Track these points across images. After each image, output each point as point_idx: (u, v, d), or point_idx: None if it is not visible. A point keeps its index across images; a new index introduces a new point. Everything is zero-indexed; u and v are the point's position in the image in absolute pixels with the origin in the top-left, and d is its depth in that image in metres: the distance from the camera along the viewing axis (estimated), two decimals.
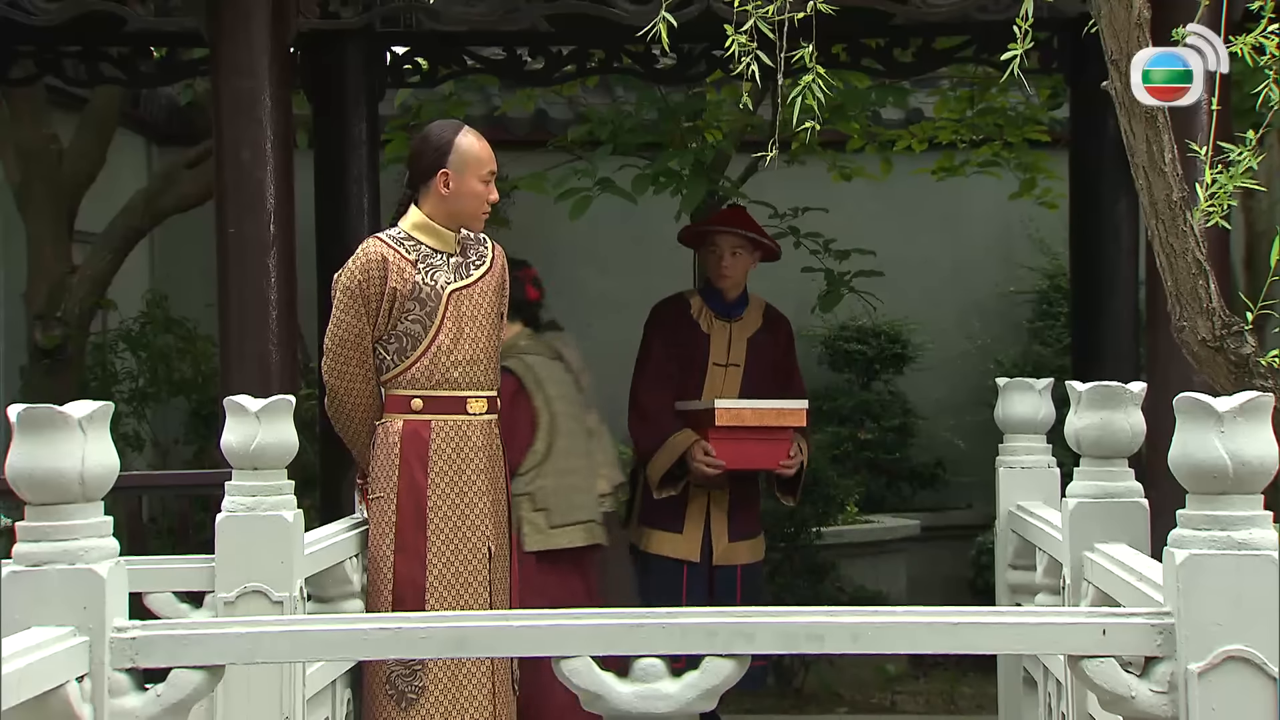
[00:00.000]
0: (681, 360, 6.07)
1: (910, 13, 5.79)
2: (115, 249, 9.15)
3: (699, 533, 6.05)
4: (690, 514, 6.08)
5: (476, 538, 4.71)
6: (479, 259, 4.86)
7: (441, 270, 4.76)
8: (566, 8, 5.85)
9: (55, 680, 2.71)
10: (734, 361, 6.12)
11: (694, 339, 6.09)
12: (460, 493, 4.70)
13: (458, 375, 4.73)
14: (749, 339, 6.16)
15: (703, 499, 6.08)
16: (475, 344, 4.76)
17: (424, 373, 4.70)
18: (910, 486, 10.71)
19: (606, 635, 2.98)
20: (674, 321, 6.11)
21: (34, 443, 2.80)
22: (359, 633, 3.00)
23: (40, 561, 2.82)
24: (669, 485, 6.02)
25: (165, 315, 9.76)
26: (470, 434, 4.73)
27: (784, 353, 6.27)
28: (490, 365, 4.82)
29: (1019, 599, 5.05)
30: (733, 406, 5.87)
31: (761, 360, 6.14)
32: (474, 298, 4.79)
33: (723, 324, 6.17)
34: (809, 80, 3.59)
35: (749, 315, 6.21)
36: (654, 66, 7.64)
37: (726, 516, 6.11)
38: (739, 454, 5.90)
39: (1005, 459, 5.22)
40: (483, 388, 4.78)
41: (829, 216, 9.09)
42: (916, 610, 3.01)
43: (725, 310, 6.19)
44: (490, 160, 4.85)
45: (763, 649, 3.02)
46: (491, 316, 4.83)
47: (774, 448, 5.94)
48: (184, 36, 6.66)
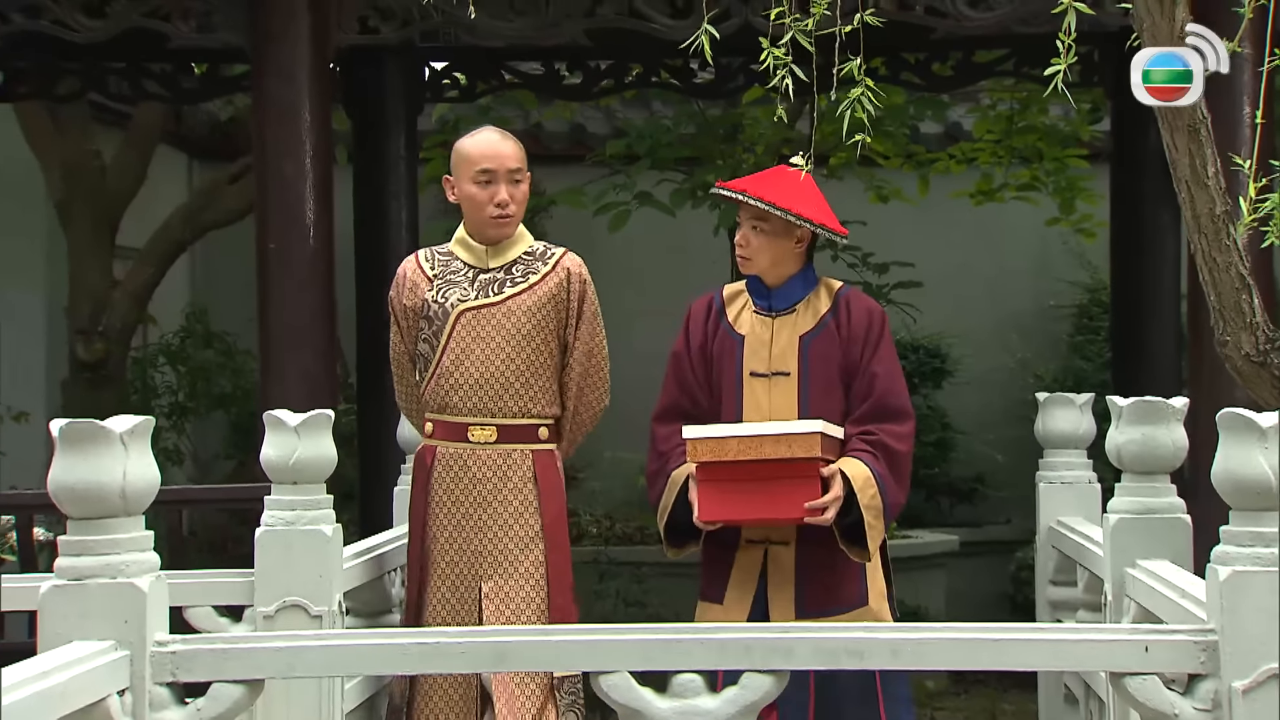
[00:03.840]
0: (711, 373, 4.47)
1: (950, 26, 5.78)
2: (156, 264, 9.21)
3: (745, 604, 4.32)
4: (736, 579, 4.36)
5: (470, 575, 4.34)
6: (526, 274, 4.44)
7: (460, 287, 4.43)
8: (605, 22, 5.87)
9: (97, 694, 2.72)
10: (780, 369, 4.38)
11: (725, 344, 4.46)
12: (457, 525, 4.37)
13: (458, 400, 4.38)
14: (803, 338, 4.40)
15: (756, 555, 4.35)
16: (486, 366, 4.37)
17: (432, 395, 4.43)
18: (949, 501, 10.67)
19: (644, 650, 2.98)
20: (700, 323, 4.52)
21: (76, 457, 2.81)
22: (397, 647, 3.00)
23: (82, 575, 2.83)
24: (682, 539, 4.42)
25: (205, 329, 9.82)
26: (471, 463, 4.37)
27: (866, 355, 4.41)
28: (509, 390, 4.37)
29: (1060, 615, 5.02)
30: (709, 435, 4.21)
31: (825, 366, 4.38)
32: (495, 317, 4.39)
33: (764, 320, 4.45)
34: (858, 94, 3.58)
35: (804, 307, 4.44)
36: (692, 81, 7.66)
37: (794, 579, 4.32)
38: (732, 502, 4.20)
39: (1045, 474, 5.20)
40: (493, 415, 4.36)
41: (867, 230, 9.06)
42: (957, 626, 2.99)
43: (767, 302, 4.47)
44: (484, 158, 4.38)
45: (802, 664, 3.01)
46: (519, 336, 4.38)
47: (787, 491, 4.16)
48: (225, 53, 6.71)
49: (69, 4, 5.82)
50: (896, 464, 4.31)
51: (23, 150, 8.89)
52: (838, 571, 4.30)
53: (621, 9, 5.80)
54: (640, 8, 5.78)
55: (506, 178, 4.40)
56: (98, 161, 9.04)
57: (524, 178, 4.45)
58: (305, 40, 5.76)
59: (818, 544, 4.26)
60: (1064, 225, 9.30)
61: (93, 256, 8.96)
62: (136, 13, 5.86)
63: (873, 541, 4.26)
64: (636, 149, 8.87)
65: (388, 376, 4.70)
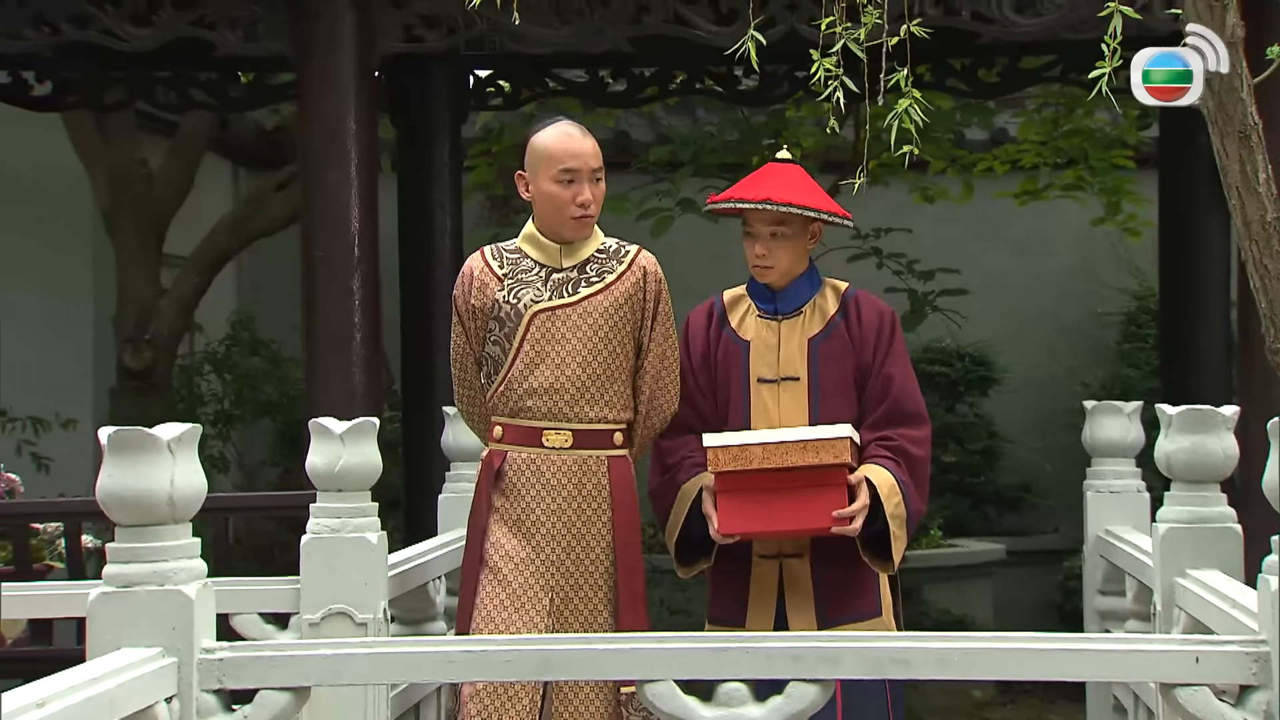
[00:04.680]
0: (718, 383, 4.30)
1: (996, 32, 5.75)
2: (202, 272, 9.26)
3: (768, 623, 4.17)
4: (755, 595, 4.21)
5: (536, 585, 4.11)
6: (602, 273, 4.27)
7: (532, 287, 4.24)
8: (649, 29, 5.86)
9: (145, 701, 2.74)
10: (789, 374, 4.21)
11: (729, 351, 4.30)
12: (526, 533, 4.15)
13: (533, 404, 4.19)
14: (811, 341, 4.24)
15: (772, 571, 4.20)
16: (561, 369, 4.18)
17: (502, 399, 4.23)
18: (995, 510, 10.62)
19: (690, 659, 2.97)
20: (701, 332, 4.35)
21: (124, 464, 2.83)
22: (443, 655, 3.01)
23: (130, 583, 2.84)
24: (693, 555, 4.25)
25: (251, 337, 9.87)
26: (544, 469, 4.17)
27: (879, 357, 4.24)
28: (585, 394, 4.18)
29: (1108, 625, 4.99)
30: (731, 444, 4.04)
31: (836, 369, 4.22)
32: (571, 319, 4.20)
33: (770, 325, 4.29)
34: (905, 105, 3.56)
35: (811, 309, 4.28)
36: (736, 88, 7.64)
37: (813, 591, 4.18)
38: (754, 513, 4.04)
39: (1093, 483, 5.17)
40: (569, 420, 4.18)
41: (912, 237, 9.03)
42: (1004, 636, 2.98)
43: (772, 305, 4.31)
44: (567, 156, 4.21)
45: (848, 674, 3.00)
46: (596, 339, 4.20)
47: (813, 500, 4.00)
48: (271, 61, 6.74)
49: (117, 13, 5.86)
50: (917, 470, 4.16)
51: (70, 159, 8.96)
52: (854, 582, 4.15)
53: (666, 16, 5.80)
54: (685, 14, 5.78)
55: (589, 177, 4.23)
56: (145, 170, 9.10)
57: (603, 175, 4.30)
58: (350, 49, 5.78)
59: (832, 556, 4.12)
60: (1110, 225, 9.24)
61: (140, 265, 9.02)
62: (183, 22, 5.90)
63: (897, 552, 4.09)
64: (680, 156, 8.87)
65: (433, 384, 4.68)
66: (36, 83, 7.37)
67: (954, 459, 10.46)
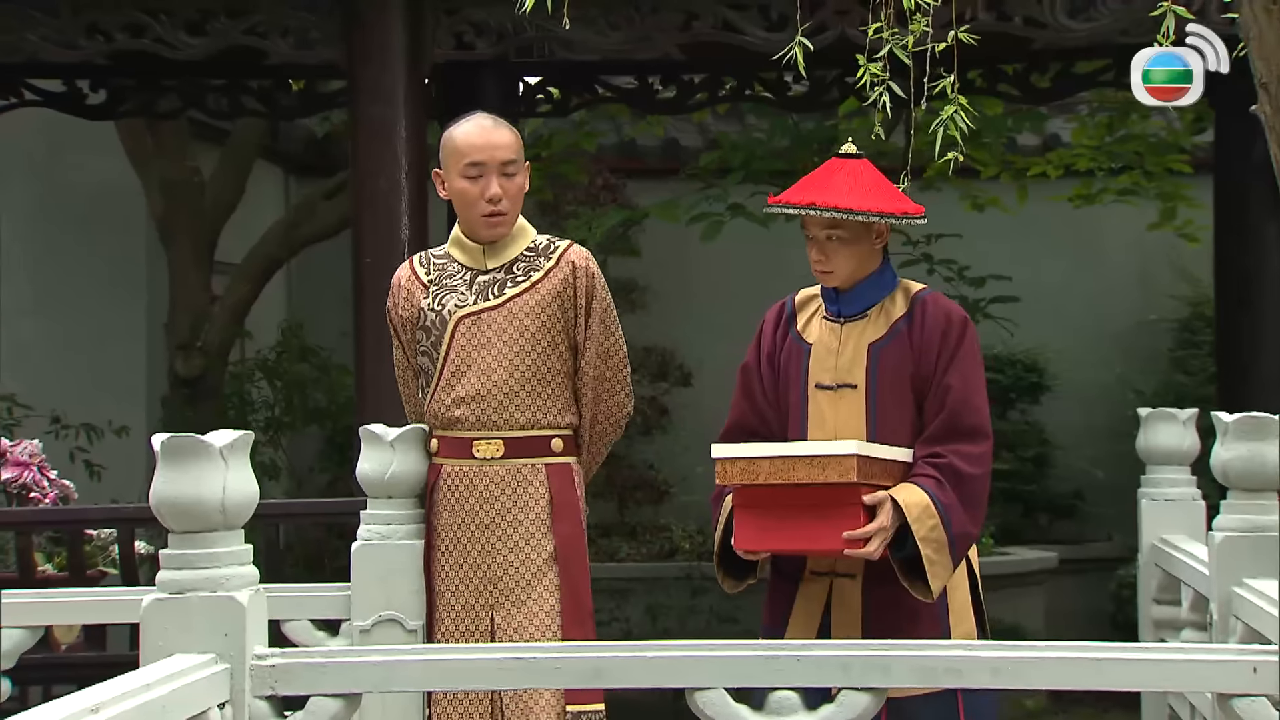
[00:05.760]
0: (780, 387, 4.00)
1: (1049, 37, 5.72)
2: (253, 279, 9.31)
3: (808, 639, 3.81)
4: (799, 611, 3.91)
5: (477, 605, 3.97)
6: (529, 271, 4.02)
7: (456, 292, 4.03)
8: (699, 36, 5.86)
9: (198, 707, 2.74)
10: (846, 381, 3.89)
11: (792, 354, 3.98)
12: (463, 550, 3.99)
13: (461, 414, 3.98)
14: (872, 346, 3.91)
15: (821, 588, 3.89)
16: (488, 375, 3.96)
17: (433, 411, 4.03)
18: (1047, 518, 10.55)
19: (741, 667, 2.95)
20: (771, 332, 4.05)
21: (177, 471, 2.84)
22: (493, 662, 3.00)
23: (183, 589, 2.85)
24: (739, 572, 3.97)
25: (300, 344, 9.90)
26: (477, 483, 3.97)
27: (941, 365, 3.88)
28: (514, 400, 3.97)
29: (1163, 635, 4.94)
30: (739, 456, 3.77)
31: (895, 378, 3.88)
32: (496, 322, 3.98)
33: (833, 328, 3.97)
34: (951, 111, 3.54)
35: (877, 312, 3.94)
36: (786, 94, 7.63)
37: (860, 611, 3.84)
38: (770, 530, 3.77)
39: (1148, 491, 5.12)
40: (498, 428, 3.96)
41: (963, 243, 8.98)
42: (1057, 645, 2.95)
43: (837, 307, 3.99)
44: (473, 149, 3.97)
45: (899, 683, 2.98)
46: (522, 340, 3.97)
47: (827, 519, 3.69)
48: (322, 69, 6.77)
49: (171, 22, 5.90)
50: (968, 490, 3.78)
51: (124, 168, 9.03)
52: (909, 610, 3.72)
53: (716, 22, 5.80)
54: (735, 21, 5.77)
55: (498, 170, 3.98)
56: (197, 178, 9.16)
57: (519, 169, 4.03)
58: (401, 57, 5.80)
59: (888, 578, 3.74)
60: (1166, 229, 9.17)
61: (192, 272, 9.07)
62: (236, 30, 5.94)
63: (935, 579, 3.70)
64: (730, 162, 8.85)
65: None
66: (91, 92, 7.43)
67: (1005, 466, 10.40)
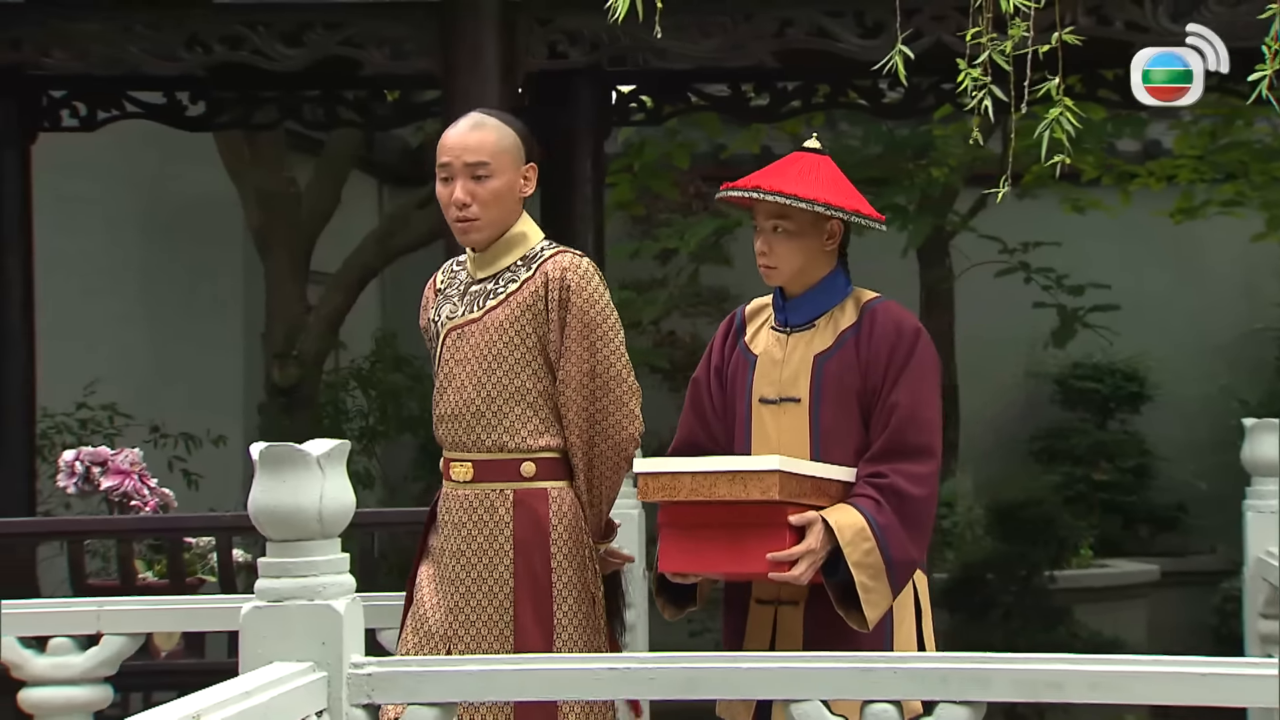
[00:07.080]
0: (727, 400, 3.71)
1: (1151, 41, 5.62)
2: (348, 289, 9.38)
3: None
4: (749, 643, 3.65)
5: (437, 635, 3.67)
6: (509, 284, 3.70)
7: (451, 301, 3.76)
8: (793, 43, 5.83)
9: (296, 715, 2.75)
10: (790, 395, 3.61)
11: (738, 366, 3.70)
12: (431, 577, 3.73)
13: (442, 433, 3.72)
14: (817, 358, 3.61)
15: (766, 617, 3.63)
16: (460, 393, 3.67)
17: (435, 428, 3.80)
18: (1149, 530, 10.42)
19: (838, 679, 2.92)
20: (720, 344, 3.76)
21: (275, 480, 2.85)
22: (589, 672, 2.99)
23: (281, 597, 2.86)
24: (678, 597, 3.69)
25: (394, 354, 9.96)
26: (452, 507, 3.68)
27: (888, 380, 3.57)
28: (480, 420, 3.64)
29: (1270, 649, 4.85)
30: (661, 470, 3.50)
31: (840, 392, 3.58)
32: (474, 336, 3.68)
33: (779, 338, 3.68)
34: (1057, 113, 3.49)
35: (826, 322, 3.65)
36: (880, 101, 7.57)
37: (802, 638, 3.57)
38: (695, 550, 3.50)
39: (1253, 503, 5.04)
40: (468, 449, 3.66)
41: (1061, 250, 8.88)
42: (1160, 659, 2.89)
43: (784, 316, 3.70)
44: (441, 150, 3.67)
45: (998, 696, 2.93)
46: (490, 356, 3.66)
47: (751, 540, 3.42)
48: (417, 79, 6.82)
49: (268, 34, 5.96)
50: (911, 511, 3.47)
51: (221, 179, 9.13)
52: (849, 641, 3.42)
53: (810, 30, 5.77)
54: (829, 28, 5.74)
55: (465, 172, 3.63)
56: (293, 189, 9.25)
57: (491, 171, 3.64)
58: (495, 66, 5.82)
59: (830, 605, 3.46)
60: (1272, 241, 9.01)
61: (288, 282, 9.16)
62: (333, 41, 5.98)
63: (871, 607, 3.42)
64: None
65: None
66: (190, 103, 7.52)
67: (1106, 477, 10.30)
